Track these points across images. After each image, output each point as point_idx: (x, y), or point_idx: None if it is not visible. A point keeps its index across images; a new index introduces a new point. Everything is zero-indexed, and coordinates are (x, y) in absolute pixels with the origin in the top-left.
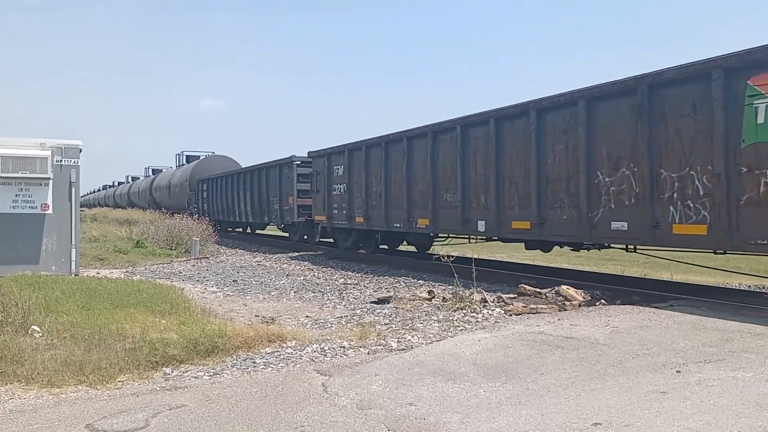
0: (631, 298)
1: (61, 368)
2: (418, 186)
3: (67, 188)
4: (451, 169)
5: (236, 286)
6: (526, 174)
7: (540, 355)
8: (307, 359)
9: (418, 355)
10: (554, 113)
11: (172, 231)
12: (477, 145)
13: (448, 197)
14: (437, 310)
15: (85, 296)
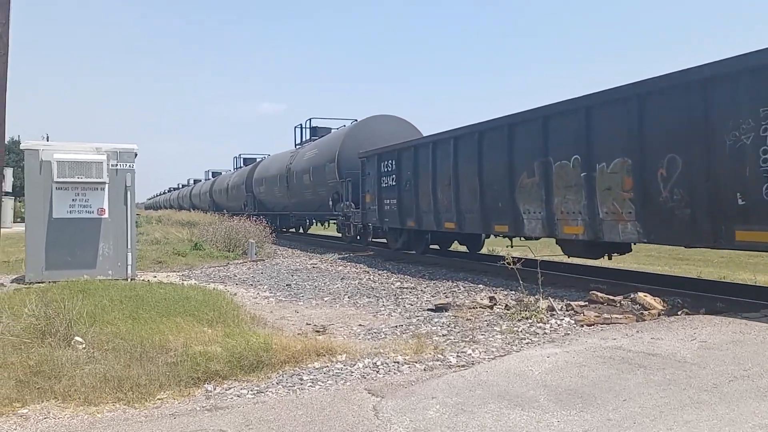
0: (715, 306)
1: (100, 384)
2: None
3: (123, 192)
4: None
5: (289, 291)
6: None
7: (620, 376)
8: (358, 376)
9: (479, 374)
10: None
11: (229, 233)
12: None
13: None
14: (500, 320)
15: (132, 304)
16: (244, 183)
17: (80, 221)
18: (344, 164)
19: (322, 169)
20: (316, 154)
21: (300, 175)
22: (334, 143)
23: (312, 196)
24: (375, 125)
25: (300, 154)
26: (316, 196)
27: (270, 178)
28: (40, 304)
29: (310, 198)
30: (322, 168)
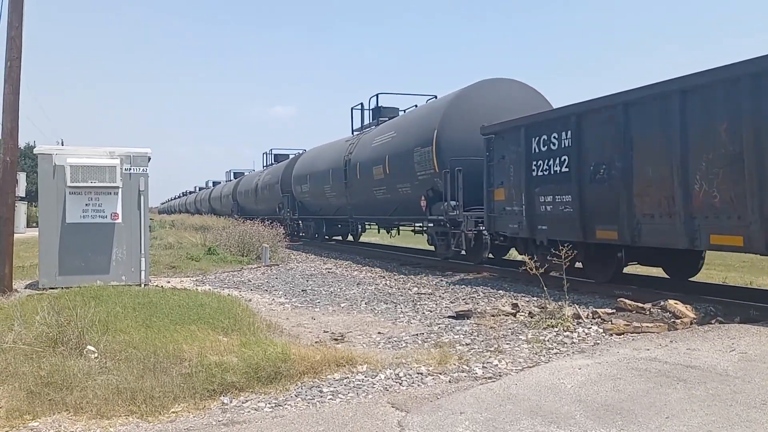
0: (748, 314)
1: (113, 396)
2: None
3: (136, 197)
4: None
5: (305, 297)
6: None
7: (659, 390)
8: (380, 388)
9: (508, 387)
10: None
11: (243, 237)
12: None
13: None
14: (524, 328)
15: (146, 311)
16: (279, 182)
17: (93, 226)
18: (446, 149)
19: (407, 158)
20: (393, 137)
21: (367, 168)
22: (427, 121)
23: (386, 195)
24: (487, 94)
25: (364, 141)
26: (394, 194)
27: (317, 174)
28: (52, 312)
29: (382, 197)
30: (407, 156)
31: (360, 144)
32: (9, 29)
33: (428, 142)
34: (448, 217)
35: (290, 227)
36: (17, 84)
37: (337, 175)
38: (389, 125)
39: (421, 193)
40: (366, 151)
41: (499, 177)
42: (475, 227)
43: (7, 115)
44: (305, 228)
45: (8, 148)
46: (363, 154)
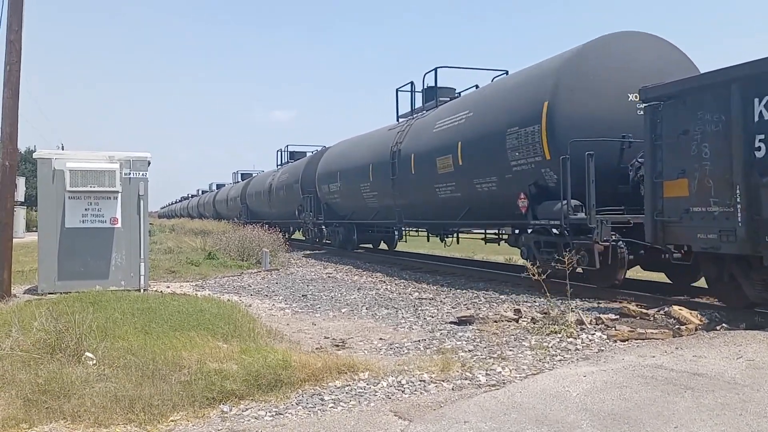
0: (753, 320)
1: (111, 404)
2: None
3: (136, 201)
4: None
5: (305, 302)
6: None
7: (666, 399)
8: (383, 396)
9: (513, 395)
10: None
11: (243, 242)
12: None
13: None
14: (527, 334)
15: (144, 317)
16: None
17: (93, 231)
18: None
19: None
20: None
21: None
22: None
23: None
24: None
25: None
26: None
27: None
28: (50, 318)
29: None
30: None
31: (413, 131)
32: (8, 33)
33: (533, 119)
34: (568, 222)
35: (312, 233)
36: (17, 88)
37: (381, 171)
38: (459, 104)
39: (516, 189)
40: (424, 139)
41: (676, 162)
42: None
43: (6, 120)
44: (332, 234)
45: (7, 153)
46: (419, 142)
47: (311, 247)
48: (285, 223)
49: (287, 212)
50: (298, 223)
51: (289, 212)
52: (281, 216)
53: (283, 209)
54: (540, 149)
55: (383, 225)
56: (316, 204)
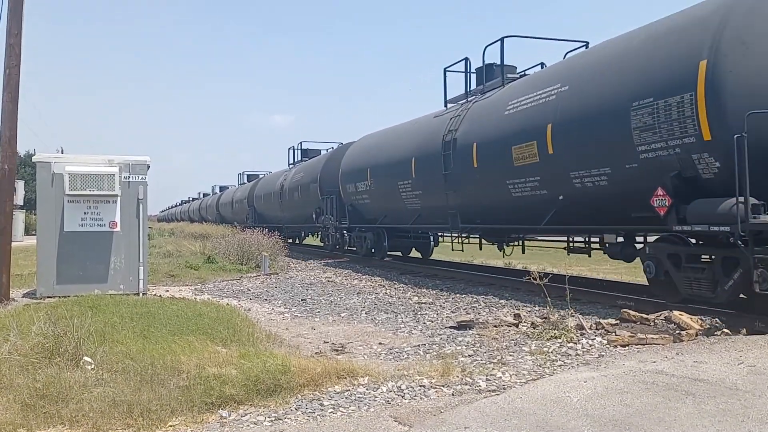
0: (753, 326)
1: (109, 409)
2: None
3: (135, 205)
4: None
5: (305, 306)
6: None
7: (667, 405)
8: (382, 401)
9: (513, 400)
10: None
11: (242, 246)
12: None
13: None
14: (527, 339)
15: (143, 322)
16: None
17: (92, 234)
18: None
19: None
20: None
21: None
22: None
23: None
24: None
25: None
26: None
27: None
28: (48, 322)
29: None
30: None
31: (474, 114)
32: (8, 36)
33: (682, 86)
34: (749, 227)
35: (333, 239)
36: (16, 92)
37: (428, 165)
38: (544, 76)
39: (643, 183)
40: (492, 123)
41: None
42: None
43: (5, 123)
44: (357, 240)
45: (6, 156)
46: (485, 127)
47: (330, 255)
48: (297, 227)
49: (302, 215)
50: (315, 227)
51: (304, 215)
52: (296, 219)
53: (297, 212)
54: (694, 127)
55: (427, 230)
56: (340, 206)
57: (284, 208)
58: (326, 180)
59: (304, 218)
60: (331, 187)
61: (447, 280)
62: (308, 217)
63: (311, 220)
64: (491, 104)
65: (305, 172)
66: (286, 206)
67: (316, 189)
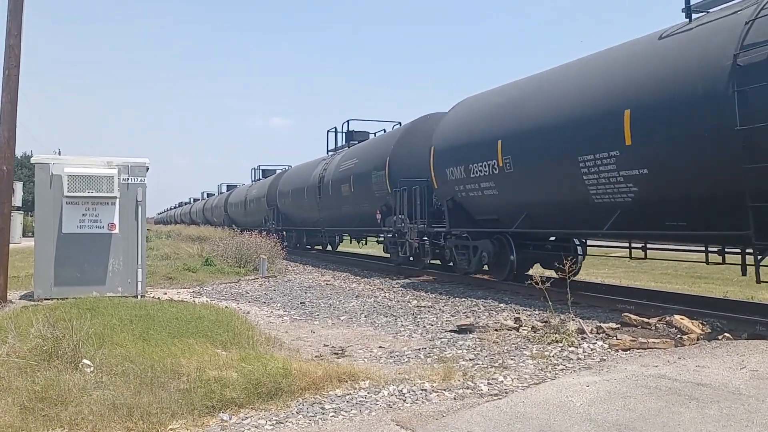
0: (754, 330)
1: (108, 413)
2: None
3: (134, 207)
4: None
5: (304, 309)
6: None
7: (670, 409)
8: (384, 405)
9: (516, 404)
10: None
11: (240, 248)
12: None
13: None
14: (528, 343)
15: (143, 324)
16: (265, 196)
17: (90, 236)
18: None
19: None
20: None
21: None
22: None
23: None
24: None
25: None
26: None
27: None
28: (47, 324)
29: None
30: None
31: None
32: (8, 38)
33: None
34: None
35: (410, 248)
36: (15, 93)
37: (312, 192)
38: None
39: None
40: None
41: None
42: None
43: (4, 124)
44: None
45: (5, 158)
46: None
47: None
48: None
49: (258, 221)
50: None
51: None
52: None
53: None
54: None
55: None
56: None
57: (247, 214)
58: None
59: (357, 219)
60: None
61: (446, 284)
62: (365, 218)
63: (371, 221)
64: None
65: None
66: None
67: (382, 179)
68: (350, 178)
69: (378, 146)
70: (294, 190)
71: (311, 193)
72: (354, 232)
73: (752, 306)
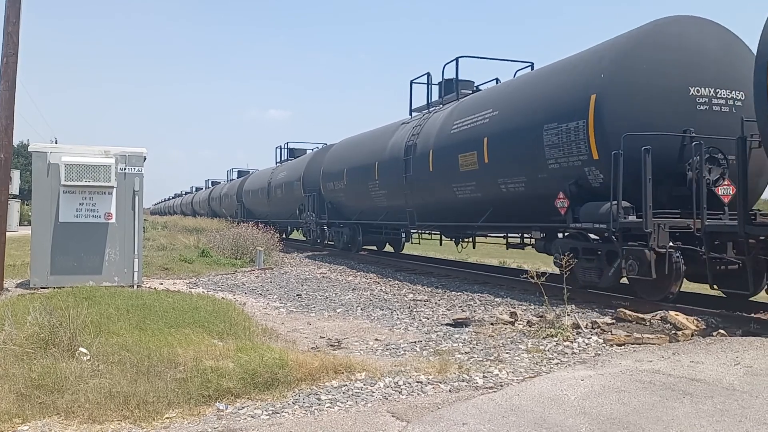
0: (748, 327)
1: (105, 401)
2: None
3: (131, 197)
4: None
5: (300, 301)
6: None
7: (665, 404)
8: (380, 396)
9: (511, 397)
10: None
11: (237, 240)
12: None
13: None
14: (523, 337)
15: (139, 313)
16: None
17: (87, 226)
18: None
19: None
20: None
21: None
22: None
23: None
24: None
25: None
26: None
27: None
28: (43, 312)
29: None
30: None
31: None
32: (6, 25)
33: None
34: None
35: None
36: (13, 80)
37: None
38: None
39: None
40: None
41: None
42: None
43: (2, 112)
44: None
45: (2, 146)
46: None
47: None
48: (283, 222)
49: (287, 211)
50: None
51: (289, 211)
52: (281, 215)
53: (282, 208)
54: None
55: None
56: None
57: (271, 203)
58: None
59: (288, 214)
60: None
61: (442, 278)
62: (292, 213)
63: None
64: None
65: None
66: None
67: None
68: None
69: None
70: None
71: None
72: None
73: (746, 303)
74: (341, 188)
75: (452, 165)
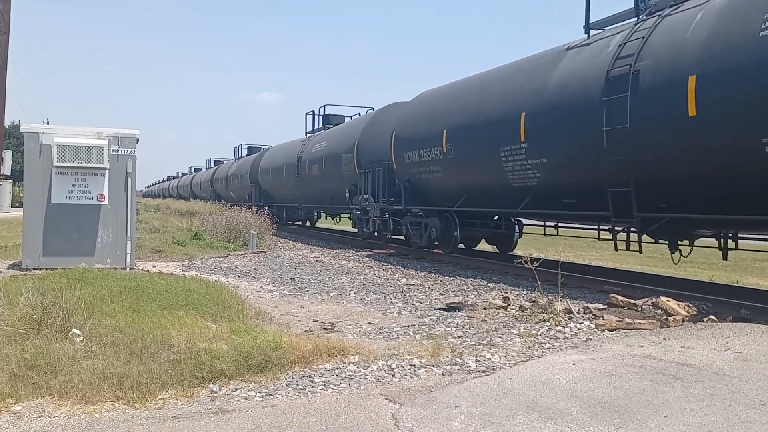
0: (738, 313)
1: (98, 381)
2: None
3: (124, 179)
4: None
5: (293, 285)
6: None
7: (655, 388)
8: (373, 379)
9: (503, 381)
10: None
11: (230, 223)
12: None
13: None
14: (516, 321)
15: (132, 295)
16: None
17: (79, 207)
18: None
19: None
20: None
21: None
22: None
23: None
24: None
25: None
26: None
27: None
28: (36, 293)
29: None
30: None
31: (309, 145)
32: None
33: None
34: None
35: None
36: (5, 59)
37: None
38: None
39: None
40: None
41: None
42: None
43: None
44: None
45: None
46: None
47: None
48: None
49: (241, 196)
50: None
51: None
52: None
53: (238, 194)
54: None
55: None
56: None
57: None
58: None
59: (329, 197)
60: (256, 178)
61: (435, 263)
62: (336, 196)
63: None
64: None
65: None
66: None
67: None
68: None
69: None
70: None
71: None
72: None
73: (737, 290)
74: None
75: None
